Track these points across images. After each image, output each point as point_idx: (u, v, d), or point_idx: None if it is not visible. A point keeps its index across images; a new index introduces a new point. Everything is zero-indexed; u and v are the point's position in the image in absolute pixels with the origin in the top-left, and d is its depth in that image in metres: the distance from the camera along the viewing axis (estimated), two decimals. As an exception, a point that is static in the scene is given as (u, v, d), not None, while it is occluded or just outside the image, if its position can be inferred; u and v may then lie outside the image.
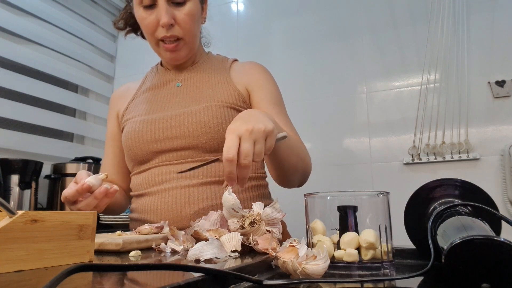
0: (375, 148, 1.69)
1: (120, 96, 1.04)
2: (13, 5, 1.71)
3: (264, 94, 0.92)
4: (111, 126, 1.03)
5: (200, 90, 0.92)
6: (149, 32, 0.89)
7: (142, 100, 0.97)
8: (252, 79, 0.94)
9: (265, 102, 0.91)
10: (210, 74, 0.96)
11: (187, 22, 0.87)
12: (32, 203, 1.59)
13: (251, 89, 0.93)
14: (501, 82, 1.53)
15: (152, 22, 0.86)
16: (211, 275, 0.34)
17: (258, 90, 0.93)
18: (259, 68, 0.98)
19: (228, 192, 0.58)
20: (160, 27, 0.86)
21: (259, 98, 0.92)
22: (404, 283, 0.40)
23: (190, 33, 0.89)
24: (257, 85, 0.93)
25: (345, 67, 1.80)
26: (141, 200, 0.89)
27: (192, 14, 0.87)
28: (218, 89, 0.92)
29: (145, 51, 2.26)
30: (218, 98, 0.89)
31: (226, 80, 0.94)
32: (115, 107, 1.03)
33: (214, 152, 0.86)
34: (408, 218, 0.56)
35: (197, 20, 0.91)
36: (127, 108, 0.99)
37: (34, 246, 0.37)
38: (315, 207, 0.51)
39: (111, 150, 1.01)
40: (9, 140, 1.62)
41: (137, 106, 0.96)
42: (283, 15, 1.98)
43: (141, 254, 0.52)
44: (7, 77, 1.64)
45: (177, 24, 0.86)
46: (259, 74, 0.96)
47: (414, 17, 1.71)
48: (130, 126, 0.91)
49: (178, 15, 0.86)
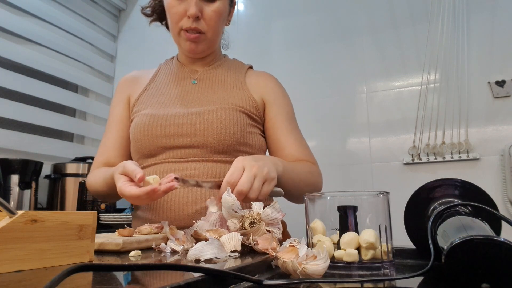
0: (375, 148, 1.69)
1: (131, 81, 1.02)
2: (13, 5, 1.71)
3: (280, 110, 0.96)
4: (119, 109, 0.99)
5: (215, 92, 0.93)
6: (175, 21, 0.90)
7: (155, 93, 0.96)
8: (268, 92, 0.97)
9: (280, 117, 0.95)
10: (226, 77, 0.97)
11: (213, 19, 0.89)
12: (32, 203, 1.59)
13: (267, 101, 0.96)
14: (501, 82, 1.53)
15: (180, 11, 0.88)
16: (211, 275, 0.34)
17: (274, 104, 0.96)
18: (275, 81, 1.01)
19: (228, 193, 0.58)
20: (186, 18, 0.88)
21: (276, 112, 0.95)
22: (404, 283, 0.40)
23: (214, 30, 0.92)
24: (273, 99, 0.97)
25: (345, 67, 1.80)
26: None
27: (219, 12, 0.90)
28: (233, 93, 0.93)
29: (145, 51, 2.27)
30: (232, 102, 0.90)
31: (241, 85, 0.96)
32: (126, 90, 1.01)
33: (222, 153, 0.86)
34: (408, 218, 0.56)
35: (223, 20, 0.94)
36: (138, 98, 0.97)
37: (34, 246, 0.37)
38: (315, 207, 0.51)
39: (116, 134, 0.97)
40: (9, 140, 1.62)
41: (149, 99, 0.95)
42: (283, 15, 1.98)
43: (141, 254, 0.52)
44: (7, 77, 1.64)
45: (203, 18, 0.89)
46: (275, 87, 0.99)
47: (414, 17, 1.71)
48: (141, 118, 0.90)
49: (206, 10, 0.89)
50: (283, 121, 0.95)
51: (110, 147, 0.96)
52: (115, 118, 0.98)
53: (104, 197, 0.93)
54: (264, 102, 0.96)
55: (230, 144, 0.86)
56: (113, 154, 0.95)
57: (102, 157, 0.96)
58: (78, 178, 1.71)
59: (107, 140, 0.97)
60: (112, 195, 0.87)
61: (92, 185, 0.92)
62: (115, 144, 0.96)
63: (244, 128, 0.88)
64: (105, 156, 0.95)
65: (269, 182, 0.68)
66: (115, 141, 0.96)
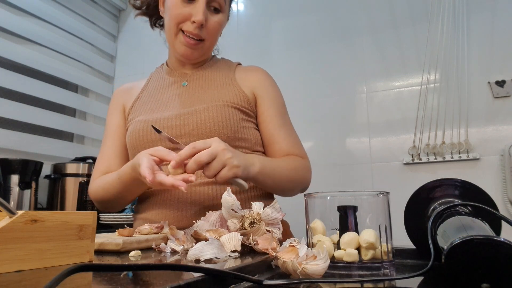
0: (375, 148, 1.69)
1: (125, 92, 1.04)
2: (13, 5, 1.71)
3: (271, 103, 0.96)
4: (116, 118, 1.00)
5: (205, 91, 0.93)
6: (176, 21, 0.90)
7: (147, 100, 0.97)
8: (259, 85, 0.97)
9: (272, 111, 0.95)
10: (216, 76, 0.98)
11: (215, 29, 0.92)
12: (32, 203, 1.59)
13: (257, 94, 0.96)
14: (501, 82, 1.53)
15: (184, 13, 0.88)
16: (211, 275, 0.34)
17: (265, 97, 0.96)
18: (265, 75, 1.01)
19: (228, 193, 0.58)
20: (190, 22, 0.89)
21: (267, 105, 0.95)
22: (404, 283, 0.40)
23: (212, 39, 0.94)
24: (264, 92, 0.97)
25: (345, 67, 1.80)
26: (146, 199, 0.90)
27: (220, 24, 0.93)
28: (224, 90, 0.93)
29: (145, 51, 2.27)
30: (223, 98, 0.90)
31: (231, 81, 0.96)
32: (120, 100, 1.02)
33: None
34: (408, 218, 0.56)
35: (221, 31, 0.97)
36: (132, 107, 0.98)
37: (34, 246, 0.37)
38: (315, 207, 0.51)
39: (114, 142, 0.98)
40: (9, 140, 1.62)
41: (142, 106, 0.96)
42: (283, 15, 1.98)
43: (141, 254, 0.52)
44: (7, 77, 1.64)
45: (206, 27, 0.90)
46: (266, 80, 0.99)
47: (414, 17, 1.71)
48: (135, 125, 0.91)
49: (210, 20, 0.90)
50: (274, 115, 0.95)
51: (110, 156, 0.97)
52: (113, 127, 0.99)
53: (109, 203, 0.91)
54: (255, 95, 0.96)
55: (224, 140, 0.85)
56: (114, 162, 0.95)
57: (102, 166, 0.96)
58: (78, 178, 1.71)
59: (106, 149, 0.98)
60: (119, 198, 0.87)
61: (96, 193, 0.91)
62: (115, 152, 0.97)
63: (238, 123, 0.88)
64: (105, 165, 0.95)
65: (229, 169, 0.69)
66: (115, 149, 0.97)
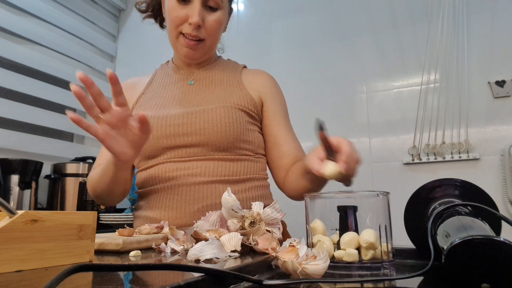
0: (375, 148, 1.69)
1: (129, 87, 1.02)
2: (13, 5, 1.71)
3: (279, 107, 0.98)
4: None
5: (212, 91, 0.94)
6: (175, 24, 0.90)
7: (153, 96, 0.97)
8: (265, 89, 0.98)
9: (279, 115, 0.97)
10: (222, 77, 0.98)
11: (214, 28, 0.90)
12: (32, 203, 1.59)
13: (264, 98, 0.97)
14: (501, 82, 1.53)
15: (181, 16, 0.88)
16: (211, 275, 0.34)
17: (272, 101, 0.97)
18: (272, 79, 1.02)
19: (228, 193, 0.58)
20: (187, 24, 0.88)
21: (274, 109, 0.97)
22: (404, 283, 0.40)
23: (213, 38, 0.93)
24: (272, 96, 0.98)
25: (345, 67, 1.80)
26: (147, 197, 0.90)
27: (219, 22, 0.91)
28: (230, 91, 0.94)
29: (145, 51, 2.27)
30: (230, 100, 0.91)
31: (238, 84, 0.97)
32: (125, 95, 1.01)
33: (222, 151, 0.87)
34: (408, 218, 0.56)
35: (222, 28, 0.95)
36: (137, 102, 0.98)
37: (34, 246, 0.37)
38: (315, 207, 0.51)
39: None
40: (9, 140, 1.62)
41: (147, 102, 0.96)
42: (283, 15, 1.98)
43: (141, 254, 0.52)
44: (7, 77, 1.64)
45: (204, 27, 0.89)
46: (272, 85, 1.00)
47: (414, 17, 1.71)
48: None
49: (207, 19, 0.89)
50: (281, 119, 0.97)
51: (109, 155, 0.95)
52: None
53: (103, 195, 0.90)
54: (262, 99, 0.97)
55: (230, 141, 0.86)
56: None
57: (101, 160, 0.95)
58: (78, 178, 1.71)
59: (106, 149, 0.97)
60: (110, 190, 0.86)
61: (90, 187, 0.91)
62: None
63: (244, 126, 0.89)
64: (104, 160, 0.93)
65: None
66: None
